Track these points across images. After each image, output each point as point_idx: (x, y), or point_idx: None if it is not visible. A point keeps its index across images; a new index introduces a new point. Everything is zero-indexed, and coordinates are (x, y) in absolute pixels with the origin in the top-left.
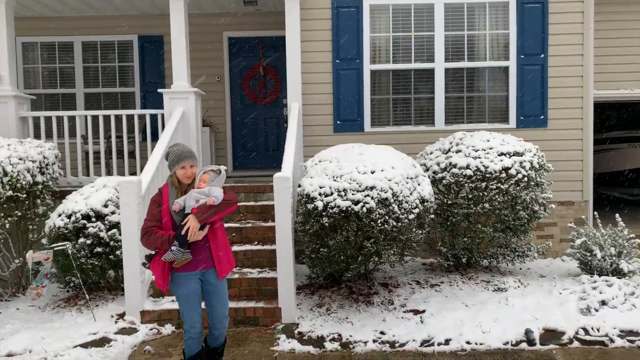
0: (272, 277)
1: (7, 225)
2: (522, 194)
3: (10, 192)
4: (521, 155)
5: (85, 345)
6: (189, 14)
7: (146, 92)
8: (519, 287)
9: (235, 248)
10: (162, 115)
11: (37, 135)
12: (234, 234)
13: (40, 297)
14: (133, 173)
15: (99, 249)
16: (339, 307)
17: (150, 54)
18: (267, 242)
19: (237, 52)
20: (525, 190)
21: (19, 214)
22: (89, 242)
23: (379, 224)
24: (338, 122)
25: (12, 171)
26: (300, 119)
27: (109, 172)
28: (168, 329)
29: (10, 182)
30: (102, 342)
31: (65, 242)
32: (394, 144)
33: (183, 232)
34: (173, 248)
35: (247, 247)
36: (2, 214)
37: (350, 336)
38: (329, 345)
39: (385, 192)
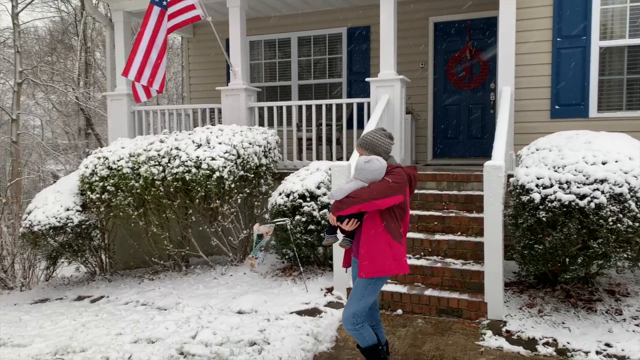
0: (477, 271)
1: (239, 201)
2: None
3: (241, 172)
4: None
5: (299, 313)
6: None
7: (352, 82)
8: None
9: (437, 237)
10: (368, 103)
11: (260, 123)
12: (435, 223)
13: (253, 268)
14: (339, 158)
15: (311, 227)
16: (553, 310)
17: (357, 44)
18: (471, 234)
19: (442, 37)
20: None
21: (247, 191)
22: (303, 219)
23: (610, 223)
24: (556, 106)
25: (243, 154)
26: (512, 104)
27: (318, 157)
28: None
29: (242, 164)
30: (314, 312)
31: (285, 218)
32: (628, 132)
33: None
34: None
35: (450, 237)
36: (235, 191)
37: (568, 343)
38: (542, 349)
39: (620, 187)
